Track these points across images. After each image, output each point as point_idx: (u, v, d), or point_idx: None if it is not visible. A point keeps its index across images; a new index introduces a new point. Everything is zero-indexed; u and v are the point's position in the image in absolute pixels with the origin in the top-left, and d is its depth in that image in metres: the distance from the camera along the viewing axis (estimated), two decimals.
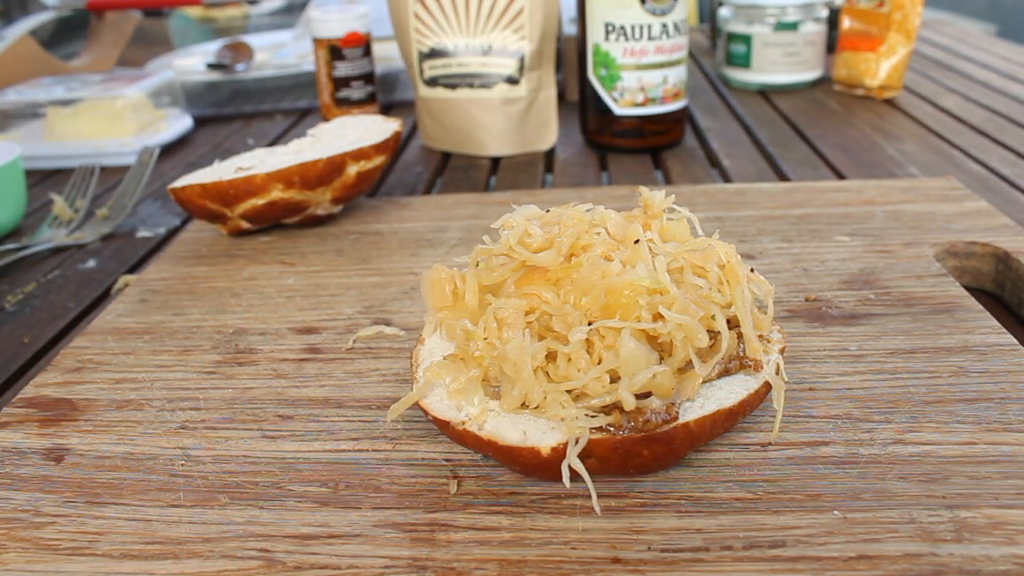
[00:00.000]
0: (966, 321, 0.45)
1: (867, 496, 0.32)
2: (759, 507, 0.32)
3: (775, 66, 1.06)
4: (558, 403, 0.33)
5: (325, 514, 0.33)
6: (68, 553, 0.32)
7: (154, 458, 0.38)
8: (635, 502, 0.33)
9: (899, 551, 0.30)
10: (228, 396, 0.42)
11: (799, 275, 0.51)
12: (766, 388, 0.35)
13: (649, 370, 0.32)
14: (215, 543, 0.32)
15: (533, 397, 0.33)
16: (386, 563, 0.31)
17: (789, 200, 0.63)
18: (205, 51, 1.33)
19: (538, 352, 0.33)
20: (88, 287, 0.63)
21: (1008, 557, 0.29)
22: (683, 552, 0.30)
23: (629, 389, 0.32)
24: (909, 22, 0.96)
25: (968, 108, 0.96)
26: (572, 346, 0.33)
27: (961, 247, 0.54)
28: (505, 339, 0.34)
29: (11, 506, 0.35)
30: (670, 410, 0.32)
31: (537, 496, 0.34)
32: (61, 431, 0.40)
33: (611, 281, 0.34)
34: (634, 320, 0.33)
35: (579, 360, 0.33)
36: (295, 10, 1.73)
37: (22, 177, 0.72)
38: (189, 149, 0.99)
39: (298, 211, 0.62)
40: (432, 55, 0.86)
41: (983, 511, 0.31)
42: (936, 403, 0.38)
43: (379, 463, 0.36)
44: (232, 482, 0.36)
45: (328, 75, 0.98)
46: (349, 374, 0.43)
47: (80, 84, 1.03)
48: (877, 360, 0.42)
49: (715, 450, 0.36)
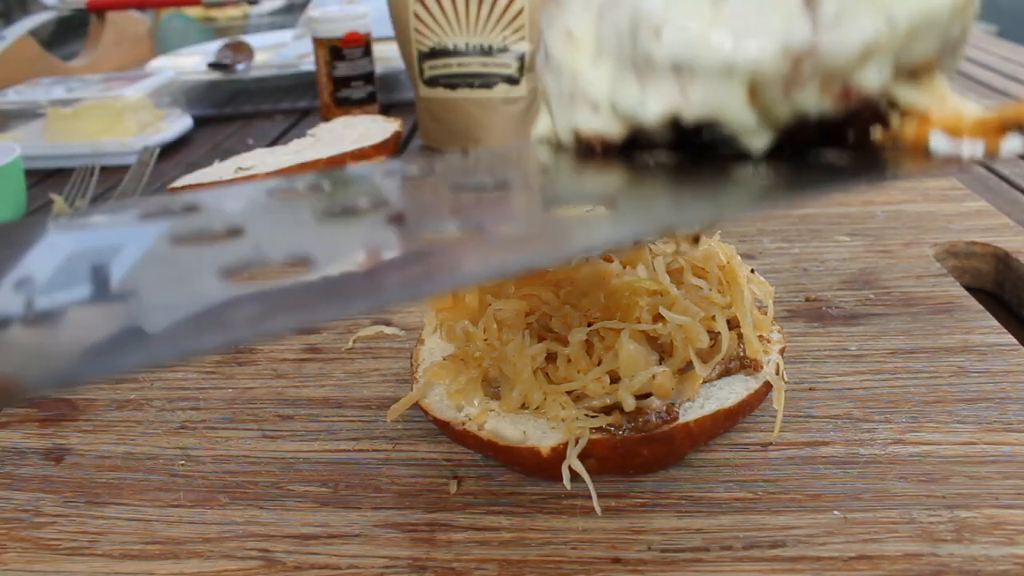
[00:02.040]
0: (966, 321, 0.45)
1: (867, 496, 0.32)
2: (759, 507, 0.32)
3: None
4: (558, 404, 0.33)
5: (325, 514, 0.33)
6: (68, 553, 0.32)
7: (154, 458, 0.38)
8: (635, 502, 0.33)
9: (899, 551, 0.30)
10: (228, 396, 0.42)
11: (799, 275, 0.51)
12: (766, 388, 0.35)
13: (649, 371, 0.32)
14: (215, 543, 0.32)
15: (533, 399, 0.33)
16: (386, 563, 0.31)
17: None
18: (205, 51, 1.33)
19: (538, 353, 0.33)
20: None
21: (1008, 557, 0.29)
22: (683, 552, 0.30)
23: (629, 390, 0.32)
24: None
25: None
26: (572, 347, 0.33)
27: (961, 247, 0.54)
28: (505, 340, 0.34)
29: (11, 506, 0.35)
30: (670, 410, 0.32)
31: (537, 496, 0.34)
32: (61, 431, 0.40)
33: (611, 282, 0.34)
34: (634, 322, 0.33)
35: (579, 361, 0.33)
36: (295, 10, 1.73)
37: (22, 177, 0.72)
38: (189, 149, 0.99)
39: None
40: (432, 55, 0.86)
41: (983, 511, 0.31)
42: (936, 403, 0.38)
43: (379, 463, 0.36)
44: (232, 482, 0.36)
45: (328, 75, 0.98)
46: (349, 374, 0.43)
47: (80, 84, 1.03)
48: (877, 360, 0.42)
49: (715, 450, 0.36)
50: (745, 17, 0.21)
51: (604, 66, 0.24)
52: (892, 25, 0.21)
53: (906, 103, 0.23)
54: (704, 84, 0.22)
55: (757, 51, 0.21)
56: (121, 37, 1.46)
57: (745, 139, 0.23)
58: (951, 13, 0.22)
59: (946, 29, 0.23)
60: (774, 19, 0.21)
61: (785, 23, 0.21)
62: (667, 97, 0.23)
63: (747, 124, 0.22)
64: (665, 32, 0.22)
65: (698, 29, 0.22)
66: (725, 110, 0.22)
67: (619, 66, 0.24)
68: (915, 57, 0.22)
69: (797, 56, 0.21)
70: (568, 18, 0.25)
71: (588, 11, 0.25)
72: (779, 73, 0.21)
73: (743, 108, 0.22)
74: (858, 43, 0.21)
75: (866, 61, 0.22)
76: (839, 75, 0.22)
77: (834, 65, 0.21)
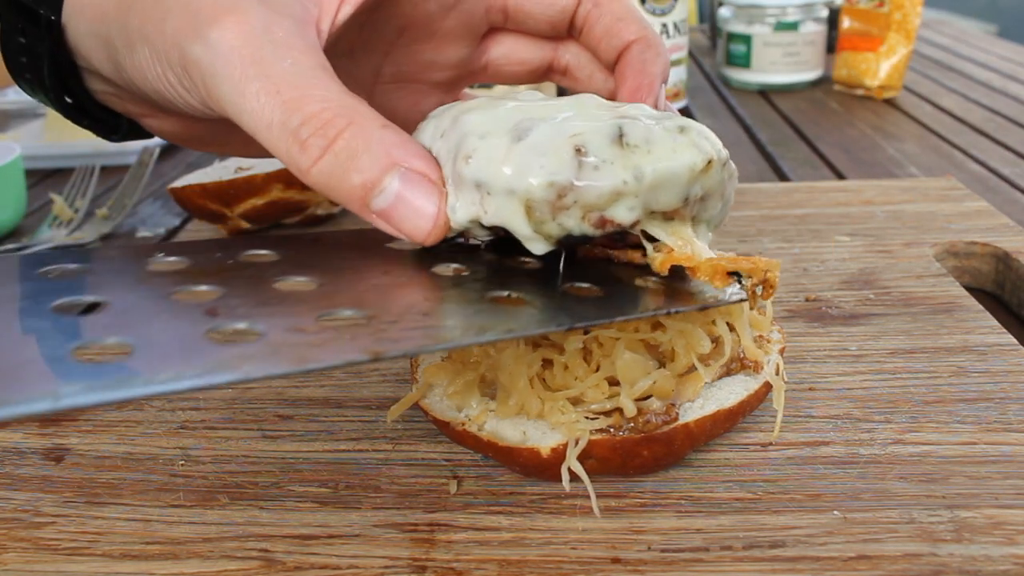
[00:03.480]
0: (966, 321, 0.45)
1: (867, 496, 0.32)
2: (759, 507, 0.32)
3: (775, 66, 1.06)
4: (557, 410, 0.32)
5: (325, 514, 0.33)
6: (68, 553, 0.32)
7: (154, 458, 0.38)
8: (635, 502, 0.33)
9: (899, 551, 0.30)
10: (228, 396, 0.42)
11: (799, 275, 0.51)
12: (766, 388, 0.35)
13: (649, 377, 0.32)
14: (215, 543, 0.32)
15: (531, 407, 0.33)
16: (386, 563, 0.31)
17: (789, 200, 0.63)
18: None
19: (534, 361, 0.33)
20: None
21: (1008, 557, 0.29)
22: (683, 552, 0.30)
23: (629, 396, 0.32)
24: (909, 22, 0.96)
25: (968, 108, 0.96)
26: (568, 355, 0.33)
27: (961, 247, 0.54)
28: (500, 347, 0.34)
29: (11, 506, 0.35)
30: (670, 411, 0.32)
31: (537, 496, 0.34)
32: (61, 431, 0.40)
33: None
34: (631, 331, 0.33)
35: (576, 368, 0.33)
36: None
37: (22, 177, 0.72)
38: (189, 149, 0.99)
39: (298, 211, 0.62)
40: None
41: (983, 511, 0.31)
42: (936, 403, 0.38)
43: (379, 463, 0.36)
44: (232, 482, 0.36)
45: None
46: (349, 374, 0.43)
47: None
48: (877, 360, 0.42)
49: (715, 450, 0.36)
50: (530, 157, 0.28)
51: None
52: (638, 179, 0.28)
53: (658, 237, 0.30)
54: (495, 200, 0.29)
55: (530, 182, 0.28)
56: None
57: (528, 244, 0.30)
58: (690, 177, 0.29)
59: (686, 188, 0.30)
60: (550, 160, 0.28)
61: (557, 165, 0.28)
62: (471, 206, 0.29)
63: (526, 233, 0.29)
64: (472, 159, 0.29)
65: (494, 160, 0.29)
66: (510, 221, 0.29)
67: (449, 177, 0.30)
68: (662, 205, 0.29)
69: (560, 190, 0.28)
70: (423, 134, 0.32)
71: (438, 131, 0.31)
72: (546, 200, 0.28)
73: (523, 221, 0.29)
74: (608, 188, 0.28)
75: (615, 201, 0.29)
76: (596, 208, 0.29)
77: (590, 201, 0.28)
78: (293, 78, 0.28)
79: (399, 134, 0.29)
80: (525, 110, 0.31)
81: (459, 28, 0.39)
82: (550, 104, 0.32)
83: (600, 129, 0.29)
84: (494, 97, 0.33)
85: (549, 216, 0.29)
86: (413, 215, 0.29)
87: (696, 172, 0.29)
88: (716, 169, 0.30)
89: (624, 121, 0.29)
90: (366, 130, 0.28)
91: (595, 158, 0.28)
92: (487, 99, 0.33)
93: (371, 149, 0.28)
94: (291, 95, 0.28)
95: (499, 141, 0.29)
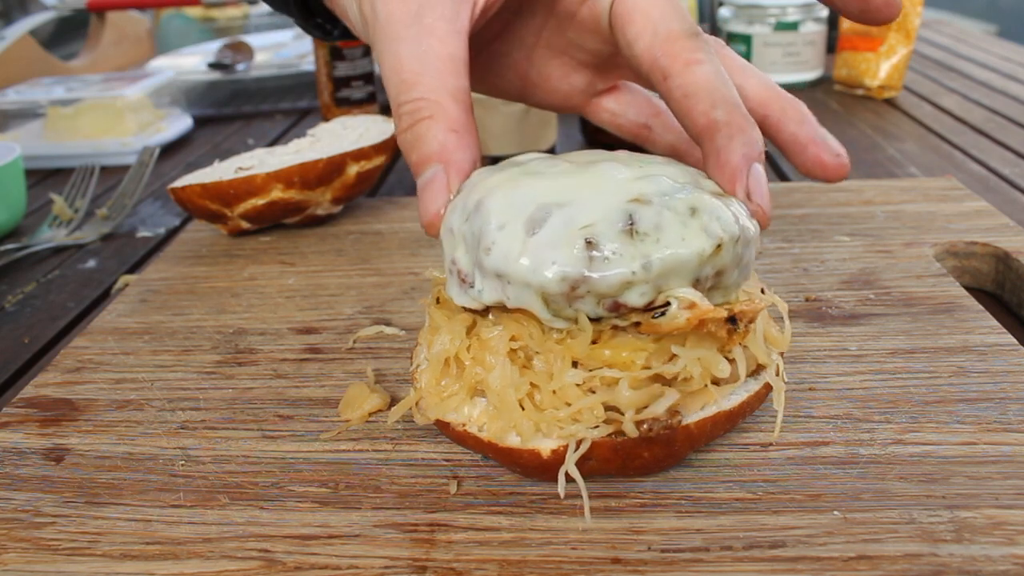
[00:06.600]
0: (966, 321, 0.45)
1: (867, 496, 0.32)
2: (759, 507, 0.32)
3: (775, 66, 1.06)
4: (555, 425, 0.32)
5: (325, 514, 0.33)
6: (68, 553, 0.32)
7: (154, 458, 0.38)
8: (635, 502, 0.33)
9: (899, 551, 0.30)
10: (228, 396, 0.42)
11: (799, 275, 0.51)
12: (766, 389, 0.35)
13: (658, 404, 0.31)
14: (215, 543, 0.32)
15: (523, 430, 0.32)
16: (386, 563, 0.31)
17: (789, 200, 0.63)
18: (205, 51, 1.33)
19: (521, 385, 0.32)
20: (88, 287, 0.63)
21: (1008, 557, 0.29)
22: (683, 552, 0.30)
23: (632, 421, 0.31)
24: (909, 22, 0.96)
25: (968, 108, 0.96)
26: (556, 382, 0.32)
27: (961, 247, 0.54)
28: (488, 365, 0.33)
29: (11, 506, 0.35)
30: (673, 417, 0.32)
31: (537, 496, 0.34)
32: (61, 431, 0.40)
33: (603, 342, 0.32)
34: (640, 369, 0.32)
35: (567, 395, 0.32)
36: None
37: (22, 177, 0.72)
38: (189, 149, 0.99)
39: (298, 211, 0.62)
40: None
41: (983, 511, 0.31)
42: (936, 403, 0.38)
43: (379, 463, 0.36)
44: (232, 482, 0.36)
45: (328, 75, 0.98)
46: (349, 374, 0.43)
47: (80, 84, 1.03)
48: (877, 360, 0.42)
49: (715, 450, 0.36)
50: (544, 251, 0.30)
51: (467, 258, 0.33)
52: (647, 268, 0.30)
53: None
54: (514, 289, 0.31)
55: (544, 276, 0.30)
56: (121, 37, 1.46)
57: (549, 324, 0.32)
58: (699, 262, 0.30)
59: (696, 272, 0.31)
60: (562, 255, 0.30)
61: (569, 259, 0.30)
62: (495, 292, 0.32)
63: (546, 317, 0.31)
64: (492, 252, 0.31)
65: (512, 255, 0.31)
66: (530, 306, 0.31)
67: (471, 262, 0.33)
68: (672, 287, 0.31)
69: (573, 283, 0.30)
70: (452, 217, 0.34)
71: (464, 214, 0.33)
72: (560, 292, 0.30)
73: (541, 307, 0.31)
74: (618, 280, 0.30)
75: (627, 289, 0.30)
76: (608, 296, 0.30)
77: (601, 291, 0.30)
78: (417, 64, 0.35)
79: (457, 140, 0.35)
80: (544, 190, 0.32)
81: (590, 21, 0.41)
82: (572, 178, 0.33)
83: (610, 218, 0.30)
84: (519, 163, 0.36)
85: (565, 304, 0.30)
86: (426, 202, 0.35)
87: (705, 257, 0.30)
88: (727, 250, 0.31)
89: (635, 207, 0.30)
90: (436, 127, 0.35)
91: (605, 250, 0.30)
92: (511, 169, 0.34)
93: (428, 143, 0.35)
94: (406, 77, 0.35)
95: (515, 230, 0.31)
